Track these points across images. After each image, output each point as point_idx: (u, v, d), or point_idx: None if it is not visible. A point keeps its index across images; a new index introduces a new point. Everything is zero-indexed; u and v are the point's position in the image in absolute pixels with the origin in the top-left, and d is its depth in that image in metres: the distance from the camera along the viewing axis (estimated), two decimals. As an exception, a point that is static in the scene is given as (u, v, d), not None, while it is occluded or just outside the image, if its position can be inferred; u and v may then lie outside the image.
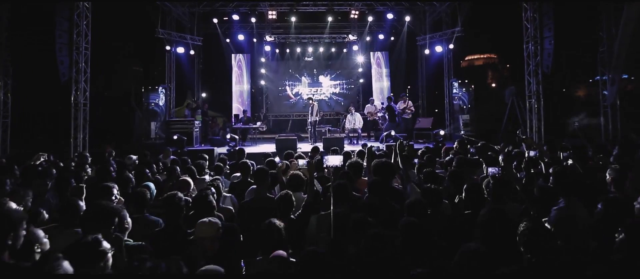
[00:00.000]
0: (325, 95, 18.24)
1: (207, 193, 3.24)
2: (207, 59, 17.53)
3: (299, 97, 17.89)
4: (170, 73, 14.76)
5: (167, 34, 13.77)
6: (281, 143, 10.38)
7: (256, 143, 12.84)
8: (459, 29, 13.54)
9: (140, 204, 3.56)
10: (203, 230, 2.73)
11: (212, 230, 2.72)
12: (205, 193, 3.24)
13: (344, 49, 17.86)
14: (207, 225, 2.75)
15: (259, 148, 11.58)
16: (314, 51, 17.73)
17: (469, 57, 36.51)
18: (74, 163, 6.91)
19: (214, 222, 2.78)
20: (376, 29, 16.84)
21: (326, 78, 18.24)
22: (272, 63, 18.10)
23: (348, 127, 12.73)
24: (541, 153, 5.35)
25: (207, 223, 2.76)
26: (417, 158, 5.95)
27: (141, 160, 6.39)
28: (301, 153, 6.32)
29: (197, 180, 5.26)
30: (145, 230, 3.42)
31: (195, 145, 10.97)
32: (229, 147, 10.17)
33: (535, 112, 9.62)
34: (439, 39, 14.41)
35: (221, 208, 3.92)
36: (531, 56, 9.64)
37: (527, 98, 9.86)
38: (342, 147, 10.52)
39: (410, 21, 15.57)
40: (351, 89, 18.27)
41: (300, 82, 18.20)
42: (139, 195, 3.65)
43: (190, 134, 10.80)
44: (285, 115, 18.05)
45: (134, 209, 3.62)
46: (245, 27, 16.61)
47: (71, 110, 9.13)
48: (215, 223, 2.77)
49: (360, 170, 4.99)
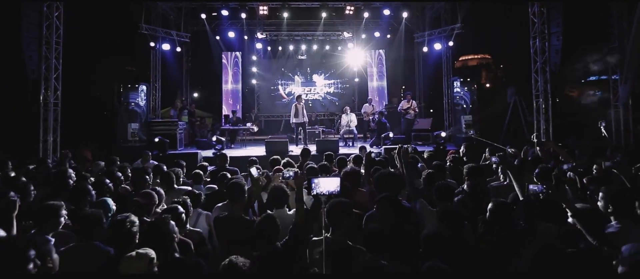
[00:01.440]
0: (319, 94, 17.55)
1: (163, 219, 2.50)
2: (195, 57, 16.76)
3: (292, 97, 17.15)
4: (156, 71, 13.97)
5: (152, 29, 12.99)
6: (271, 146, 9.66)
7: (246, 145, 12.10)
8: (459, 26, 12.93)
9: (87, 230, 2.82)
10: (128, 266, 2.12)
11: (141, 265, 2.11)
12: (161, 219, 2.51)
13: (339, 47, 17.19)
14: (134, 259, 2.16)
15: (248, 150, 10.84)
16: (307, 49, 17.05)
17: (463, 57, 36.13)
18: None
19: (143, 255, 2.19)
20: (372, 26, 16.18)
21: (320, 77, 17.55)
22: (263, 62, 17.39)
23: (343, 128, 12.04)
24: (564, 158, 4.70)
25: (134, 257, 2.18)
26: (421, 162, 5.27)
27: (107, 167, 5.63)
28: (290, 159, 5.58)
29: (173, 191, 4.54)
30: (91, 262, 2.70)
31: (179, 148, 10.19)
32: (215, 150, 9.42)
33: (543, 113, 9.00)
34: (438, 35, 13.78)
35: (190, 232, 3.20)
36: (538, 53, 9.03)
37: (534, 97, 9.25)
38: (337, 149, 9.85)
39: (408, 18, 14.95)
40: (346, 89, 17.60)
41: (293, 81, 17.49)
42: (87, 218, 2.90)
43: (174, 136, 10.02)
44: (277, 116, 17.34)
45: (82, 236, 2.90)
46: (236, 24, 15.91)
47: (40, 110, 8.32)
48: (144, 256, 2.19)
49: (358, 180, 4.30)
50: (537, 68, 9.12)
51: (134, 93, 10.06)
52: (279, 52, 17.18)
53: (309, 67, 17.48)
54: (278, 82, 17.41)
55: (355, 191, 4.14)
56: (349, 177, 4.21)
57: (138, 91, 10.17)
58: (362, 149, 8.32)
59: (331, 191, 2.67)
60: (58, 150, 8.65)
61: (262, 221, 2.68)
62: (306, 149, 6.28)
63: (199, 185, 5.03)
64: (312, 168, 4.67)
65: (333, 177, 2.92)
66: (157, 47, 13.56)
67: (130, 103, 9.95)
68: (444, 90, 14.44)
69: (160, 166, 5.56)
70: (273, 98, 17.44)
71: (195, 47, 16.51)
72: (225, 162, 5.93)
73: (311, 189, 2.71)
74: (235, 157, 9.43)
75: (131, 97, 10.00)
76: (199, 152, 8.31)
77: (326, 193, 2.67)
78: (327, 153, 5.92)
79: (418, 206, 3.24)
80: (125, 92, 10.00)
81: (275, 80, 17.40)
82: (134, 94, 10.07)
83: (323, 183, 2.69)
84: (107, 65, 12.75)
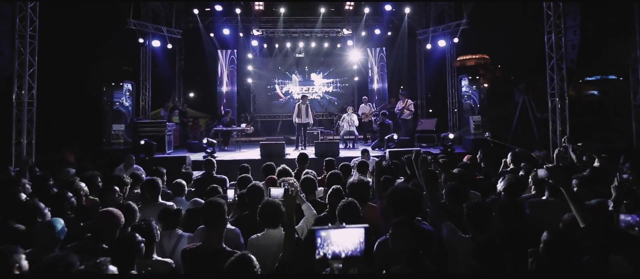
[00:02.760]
0: (317, 94, 16.85)
1: (100, 264, 1.80)
2: (188, 55, 16.06)
3: (290, 97, 16.48)
4: (146, 70, 13.28)
5: (141, 25, 12.28)
6: (266, 149, 8.98)
7: (240, 147, 11.40)
8: (465, 21, 12.29)
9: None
10: None
11: None
12: (94, 264, 1.80)
13: (338, 44, 16.56)
14: None
15: (242, 154, 10.16)
16: (305, 46, 16.36)
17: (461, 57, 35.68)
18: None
19: None
20: (372, 22, 15.50)
21: (318, 76, 16.87)
22: (259, 60, 16.71)
23: (344, 129, 11.37)
24: (602, 167, 4.04)
25: None
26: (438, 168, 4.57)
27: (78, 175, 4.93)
28: (286, 166, 4.86)
29: (151, 206, 3.84)
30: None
31: (167, 151, 9.47)
32: (206, 154, 8.74)
33: (559, 112, 8.36)
34: (443, 32, 13.14)
35: (155, 263, 2.52)
36: (553, 48, 8.39)
37: (549, 96, 8.61)
38: (338, 152, 9.18)
39: (410, 14, 14.30)
40: (345, 88, 16.92)
41: (290, 80, 16.81)
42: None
43: (162, 138, 9.31)
44: (274, 116, 16.66)
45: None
46: (230, 21, 15.23)
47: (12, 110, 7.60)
48: None
49: (366, 192, 3.63)
50: (552, 65, 8.48)
51: (118, 91, 9.31)
52: (275, 49, 16.50)
53: (306, 65, 16.79)
54: (275, 81, 16.73)
55: (364, 205, 3.48)
56: (356, 190, 3.54)
57: (123, 90, 9.42)
58: (364, 152, 7.66)
59: (351, 253, 1.59)
60: (33, 153, 7.94)
61: (231, 265, 1.95)
62: (303, 154, 5.55)
63: (181, 197, 4.34)
64: (310, 180, 3.97)
65: (352, 228, 1.65)
66: (147, 44, 12.86)
67: (115, 103, 9.22)
68: (448, 89, 13.82)
69: (139, 175, 4.86)
70: (269, 98, 16.75)
71: (188, 45, 15.85)
72: (212, 169, 5.23)
73: (315, 250, 1.59)
74: (227, 161, 8.77)
75: (116, 96, 9.26)
76: (188, 156, 7.62)
77: (341, 256, 1.56)
78: (327, 160, 5.22)
79: (445, 232, 2.57)
80: (109, 91, 9.26)
81: (271, 79, 16.71)
82: (119, 93, 9.33)
83: (336, 238, 1.58)
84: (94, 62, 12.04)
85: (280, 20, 15.13)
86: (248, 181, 3.99)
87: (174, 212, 3.21)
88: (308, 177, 4.01)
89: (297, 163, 5.37)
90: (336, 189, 3.44)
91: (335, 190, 3.42)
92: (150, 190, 3.91)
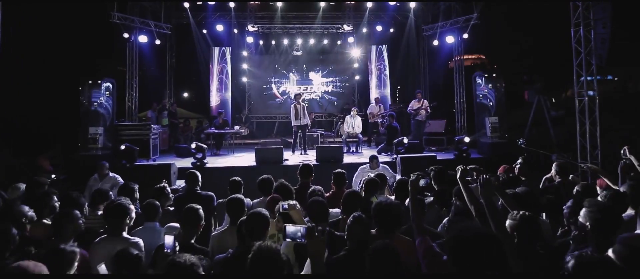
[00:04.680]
0: (316, 93, 15.95)
1: None
2: (180, 53, 15.12)
3: (287, 96, 15.57)
4: (133, 68, 12.30)
5: (126, 19, 11.31)
6: (262, 154, 8.07)
7: (234, 151, 10.49)
8: (476, 16, 11.47)
9: None
10: None
11: None
12: None
13: (338, 41, 15.72)
14: None
15: (236, 159, 9.24)
16: (303, 43, 15.50)
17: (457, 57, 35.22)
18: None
19: None
20: (374, 18, 14.64)
21: (317, 74, 15.97)
22: (255, 58, 15.80)
23: (347, 131, 10.48)
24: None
25: None
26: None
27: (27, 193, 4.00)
28: (284, 182, 3.87)
29: (110, 243, 2.88)
30: None
31: (152, 158, 8.51)
32: (195, 160, 7.81)
33: (588, 115, 7.52)
34: (451, 27, 12.30)
35: None
36: (582, 43, 7.56)
37: (577, 96, 7.77)
38: (341, 158, 8.29)
39: (416, 9, 13.47)
40: (346, 87, 16.04)
41: (287, 79, 15.90)
42: None
43: (146, 142, 8.36)
44: (270, 117, 15.75)
45: None
46: (224, 16, 14.34)
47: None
48: None
49: (399, 221, 2.73)
50: (580, 61, 7.64)
51: (96, 90, 8.33)
52: (272, 46, 15.60)
53: (305, 63, 15.89)
54: (271, 80, 15.80)
55: (391, 236, 2.59)
56: (386, 218, 2.65)
57: (100, 88, 8.43)
58: (373, 159, 6.80)
59: None
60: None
61: None
62: (307, 166, 4.53)
63: (153, 222, 3.42)
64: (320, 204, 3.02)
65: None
66: (133, 39, 11.88)
67: (93, 103, 8.23)
68: (456, 89, 12.99)
69: (104, 192, 3.94)
70: (265, 98, 15.83)
71: (179, 42, 14.94)
72: (196, 184, 4.28)
73: None
74: (219, 170, 7.84)
75: (93, 96, 8.28)
76: (173, 163, 6.70)
77: None
78: (337, 173, 4.27)
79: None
80: (85, 90, 8.27)
81: (267, 78, 15.78)
82: (97, 92, 8.35)
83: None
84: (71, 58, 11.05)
85: (277, 16, 14.25)
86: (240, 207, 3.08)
87: (133, 259, 2.29)
88: (318, 200, 3.09)
89: (300, 176, 4.42)
90: (358, 219, 2.54)
91: (358, 221, 2.52)
92: (112, 219, 2.98)
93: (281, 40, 15.44)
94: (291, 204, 2.80)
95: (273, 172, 7.60)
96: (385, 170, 6.76)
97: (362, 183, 4.07)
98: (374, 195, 3.77)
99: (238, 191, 4.05)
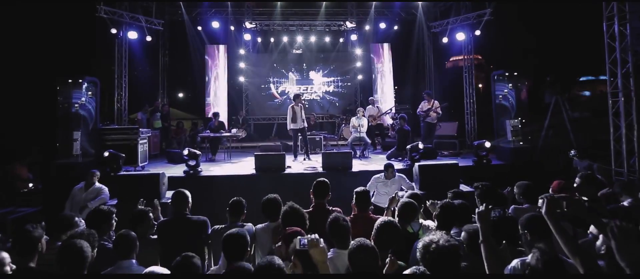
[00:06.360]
0: (317, 94, 15.18)
1: None
2: (174, 51, 14.32)
3: (286, 97, 14.78)
4: (122, 66, 11.46)
5: (114, 13, 10.47)
6: (263, 161, 7.26)
7: (231, 156, 9.68)
8: (489, 11, 10.76)
9: None
10: None
11: None
12: None
13: (340, 39, 15.04)
14: None
15: (233, 166, 8.43)
16: (304, 41, 14.76)
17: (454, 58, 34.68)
18: None
19: None
20: (378, 15, 13.91)
21: (318, 74, 15.20)
22: (253, 56, 15.04)
23: (352, 134, 9.70)
24: None
25: None
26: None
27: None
28: (294, 205, 3.01)
29: None
30: None
31: (140, 165, 7.67)
32: (187, 168, 6.99)
33: (623, 116, 6.80)
34: (461, 24, 11.59)
35: None
36: (616, 37, 6.85)
37: (610, 95, 7.06)
38: (350, 165, 7.50)
39: (423, 6, 12.75)
40: (348, 87, 15.28)
41: (287, 79, 15.12)
42: None
43: (133, 148, 7.53)
44: (269, 119, 14.95)
45: None
46: (220, 12, 13.58)
47: None
48: None
49: (458, 264, 1.96)
50: (614, 57, 6.92)
51: (76, 91, 7.47)
52: (270, 44, 14.83)
53: (305, 62, 15.13)
54: (270, 79, 15.01)
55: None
56: (443, 263, 1.88)
57: (81, 88, 7.57)
58: (388, 167, 6.01)
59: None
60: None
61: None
62: (322, 182, 3.59)
63: (129, 260, 2.63)
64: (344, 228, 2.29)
65: None
66: (122, 36, 11.05)
67: (73, 105, 7.38)
68: (465, 89, 12.28)
69: (70, 219, 3.14)
70: (264, 99, 15.03)
71: (173, 39, 14.16)
72: (185, 207, 3.44)
73: None
74: (214, 179, 7.01)
75: (74, 97, 7.43)
76: (163, 173, 5.87)
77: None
78: (359, 192, 3.44)
79: None
80: (64, 89, 7.41)
81: (266, 78, 14.99)
82: (78, 93, 7.49)
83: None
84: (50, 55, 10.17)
85: (276, 12, 13.53)
86: (243, 246, 2.30)
87: None
88: (364, 246, 2.25)
89: (314, 195, 3.57)
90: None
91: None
92: (64, 266, 2.19)
93: (280, 38, 14.69)
94: (312, 240, 2.06)
95: (275, 181, 6.88)
96: (402, 180, 6.01)
97: (394, 206, 3.28)
98: (411, 223, 2.98)
99: (240, 214, 3.26)
